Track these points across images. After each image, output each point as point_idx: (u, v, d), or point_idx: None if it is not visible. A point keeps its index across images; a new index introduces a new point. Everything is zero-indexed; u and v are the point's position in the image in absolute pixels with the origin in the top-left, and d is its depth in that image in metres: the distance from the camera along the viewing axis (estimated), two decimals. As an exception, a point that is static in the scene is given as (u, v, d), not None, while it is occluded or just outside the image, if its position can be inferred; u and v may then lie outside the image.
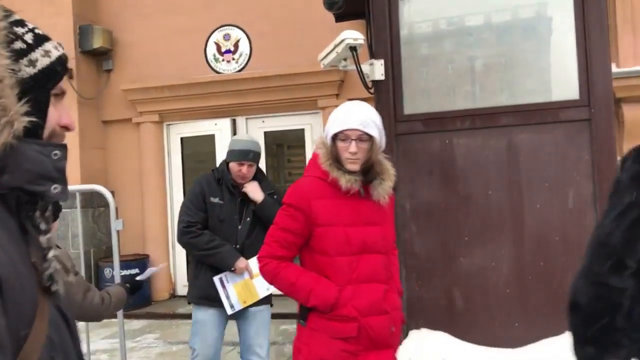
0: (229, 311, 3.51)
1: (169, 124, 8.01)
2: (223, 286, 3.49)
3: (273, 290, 3.39)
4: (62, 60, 1.10)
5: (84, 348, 3.92)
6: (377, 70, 3.99)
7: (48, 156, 1.04)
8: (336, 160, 2.33)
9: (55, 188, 1.04)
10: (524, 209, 3.93)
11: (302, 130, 7.57)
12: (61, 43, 1.11)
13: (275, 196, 3.60)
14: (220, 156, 7.69)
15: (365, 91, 4.50)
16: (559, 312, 4.03)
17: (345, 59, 4.00)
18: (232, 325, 3.67)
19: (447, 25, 4.22)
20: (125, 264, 6.65)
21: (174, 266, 7.95)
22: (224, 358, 5.38)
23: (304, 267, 2.38)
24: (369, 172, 2.36)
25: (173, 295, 7.90)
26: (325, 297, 2.26)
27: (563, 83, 4.00)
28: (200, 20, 7.60)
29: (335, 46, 3.92)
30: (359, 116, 2.31)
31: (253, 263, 3.41)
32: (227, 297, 3.50)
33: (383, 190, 2.37)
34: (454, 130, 4.01)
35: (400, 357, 3.84)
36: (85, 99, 7.62)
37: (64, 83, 1.12)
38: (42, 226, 1.09)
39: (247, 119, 7.70)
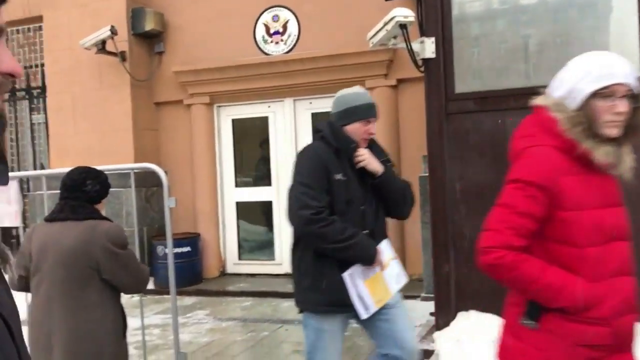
0: (364, 315, 2.79)
1: (219, 106, 8.12)
2: (354, 285, 2.77)
3: (404, 281, 3.00)
4: None
5: (137, 323, 4.03)
6: (427, 48, 3.93)
7: None
8: (589, 125, 1.85)
9: None
10: (579, 191, 3.81)
11: (350, 111, 7.53)
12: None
13: (388, 163, 2.96)
14: (275, 137, 7.75)
15: (414, 70, 4.44)
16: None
17: (395, 37, 3.96)
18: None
19: (500, 4, 4.11)
20: (177, 242, 6.81)
21: (224, 244, 8.09)
22: (273, 335, 5.48)
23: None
24: (622, 140, 1.89)
25: (223, 273, 8.06)
26: (578, 297, 1.84)
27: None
28: (250, 1, 7.63)
29: (385, 24, 3.88)
30: (625, 67, 1.84)
31: (382, 251, 2.86)
32: (360, 298, 2.77)
33: (628, 163, 1.90)
34: (507, 110, 3.92)
35: (449, 338, 3.83)
36: (138, 81, 7.79)
37: (1, 19, 0.80)
38: None
39: (294, 100, 7.72)
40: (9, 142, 9.06)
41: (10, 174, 5.00)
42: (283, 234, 7.62)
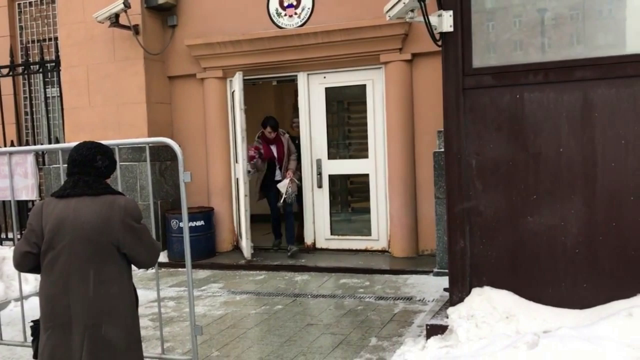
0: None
1: (232, 80, 8.07)
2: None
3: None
4: None
5: (152, 295, 4.12)
6: (445, 21, 3.86)
7: None
8: None
9: None
10: (597, 168, 3.77)
11: (364, 86, 7.47)
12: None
13: None
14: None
15: (429, 44, 4.38)
16: (632, 274, 3.90)
17: (412, 10, 3.89)
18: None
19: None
20: (191, 216, 6.85)
21: (238, 219, 8.13)
22: (287, 309, 5.51)
23: None
24: None
25: (236, 247, 8.12)
26: None
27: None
28: (263, -27, 7.53)
29: (403, -3, 3.81)
30: None
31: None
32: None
33: None
34: (525, 85, 3.86)
35: (463, 314, 3.84)
36: (151, 54, 7.76)
37: None
38: None
39: (308, 74, 7.66)
40: (24, 115, 9.10)
41: (26, 147, 4.99)
42: (243, 210, 7.58)
